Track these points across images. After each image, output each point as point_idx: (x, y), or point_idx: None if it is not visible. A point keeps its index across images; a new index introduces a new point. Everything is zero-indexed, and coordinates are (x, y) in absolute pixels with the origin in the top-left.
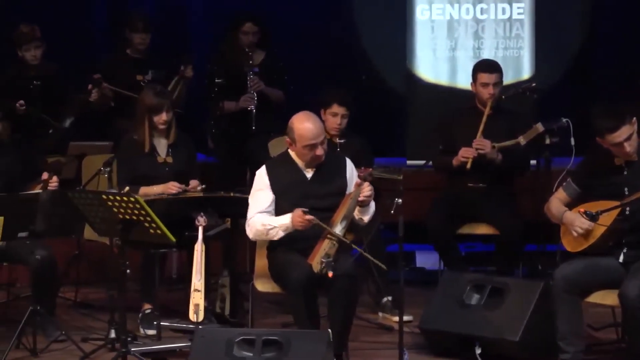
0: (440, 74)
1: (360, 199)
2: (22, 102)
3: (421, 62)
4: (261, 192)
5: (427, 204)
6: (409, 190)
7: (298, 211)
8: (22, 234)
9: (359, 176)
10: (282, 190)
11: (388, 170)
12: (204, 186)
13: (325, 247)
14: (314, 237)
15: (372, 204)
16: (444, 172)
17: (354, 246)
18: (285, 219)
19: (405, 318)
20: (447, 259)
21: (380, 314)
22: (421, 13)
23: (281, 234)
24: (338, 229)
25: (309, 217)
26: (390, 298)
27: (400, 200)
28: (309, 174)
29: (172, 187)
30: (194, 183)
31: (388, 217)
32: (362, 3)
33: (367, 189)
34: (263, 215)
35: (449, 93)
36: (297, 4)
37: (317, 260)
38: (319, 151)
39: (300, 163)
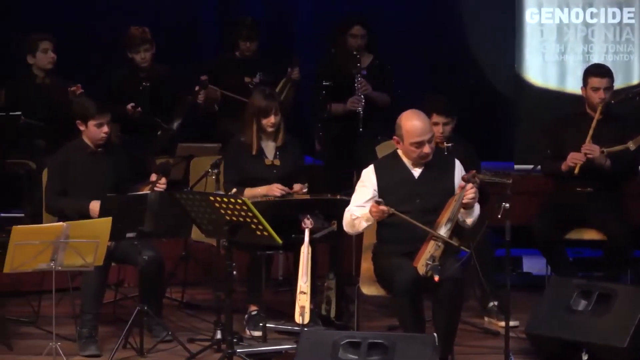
0: (549, 78)
1: (464, 201)
2: (133, 104)
3: (530, 66)
4: (363, 187)
5: (535, 209)
6: (516, 195)
7: (373, 201)
8: (130, 235)
9: (462, 178)
10: (389, 189)
11: (497, 174)
12: (306, 184)
13: (430, 250)
14: (420, 240)
15: (477, 207)
16: (552, 177)
17: (462, 248)
18: (366, 209)
19: (512, 323)
20: (554, 264)
21: (486, 318)
22: (530, 17)
23: (364, 224)
24: (442, 231)
25: (382, 207)
26: (496, 303)
27: (507, 205)
28: (416, 172)
29: (276, 190)
30: (297, 187)
31: (495, 221)
32: (471, 7)
33: (470, 191)
34: (356, 208)
35: (558, 97)
36: (406, 7)
37: (422, 262)
38: (426, 149)
39: (407, 162)
